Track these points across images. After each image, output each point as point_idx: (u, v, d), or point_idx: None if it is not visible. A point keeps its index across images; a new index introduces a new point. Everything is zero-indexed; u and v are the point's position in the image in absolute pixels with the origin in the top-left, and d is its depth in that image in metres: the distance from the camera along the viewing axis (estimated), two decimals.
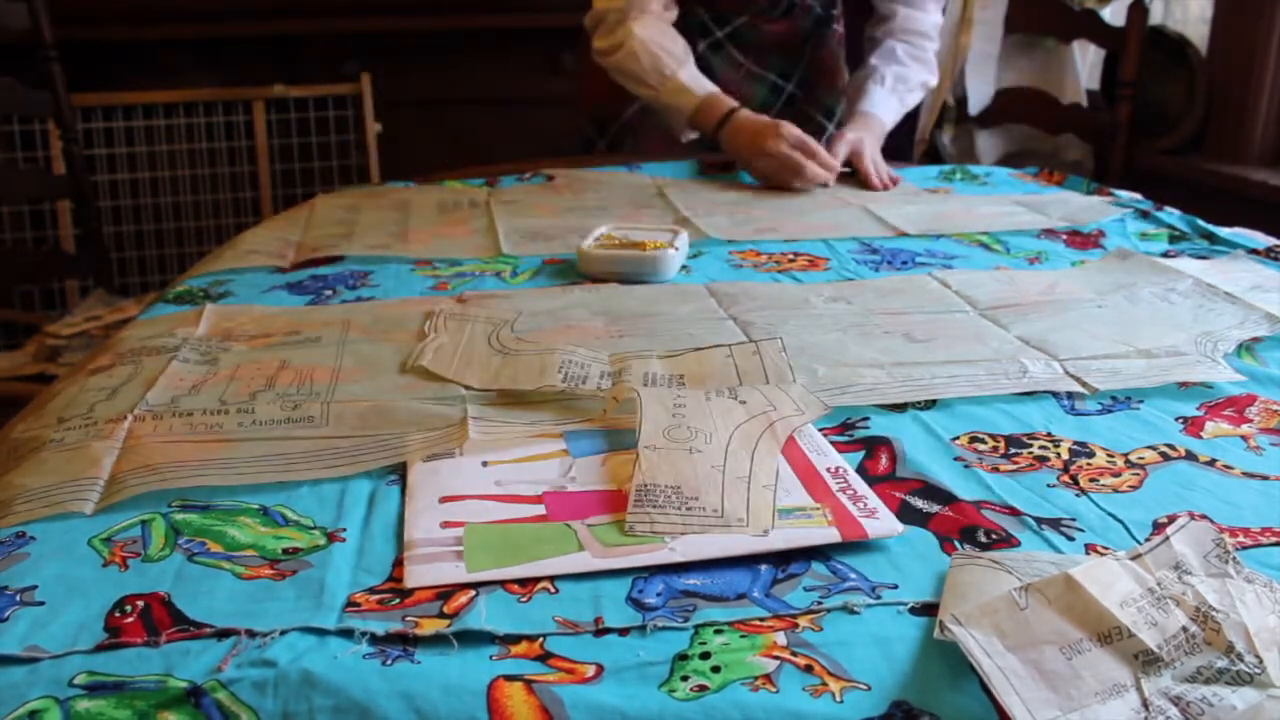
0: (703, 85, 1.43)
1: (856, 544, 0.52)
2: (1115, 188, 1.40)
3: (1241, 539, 0.53)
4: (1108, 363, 0.75)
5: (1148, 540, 0.51)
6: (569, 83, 2.60)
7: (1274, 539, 0.53)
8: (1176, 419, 0.68)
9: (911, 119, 2.51)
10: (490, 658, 0.44)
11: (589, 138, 1.72)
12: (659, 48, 1.43)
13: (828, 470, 0.59)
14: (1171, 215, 1.22)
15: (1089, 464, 0.61)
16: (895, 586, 0.49)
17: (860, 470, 0.60)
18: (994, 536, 0.53)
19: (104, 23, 2.53)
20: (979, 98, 2.42)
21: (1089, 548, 0.52)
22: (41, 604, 0.47)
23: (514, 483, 0.59)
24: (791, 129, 1.34)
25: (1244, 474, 0.60)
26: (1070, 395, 0.71)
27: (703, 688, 0.42)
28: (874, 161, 1.42)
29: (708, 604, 0.48)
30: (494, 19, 2.61)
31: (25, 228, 2.55)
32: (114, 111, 2.54)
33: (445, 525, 0.54)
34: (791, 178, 1.34)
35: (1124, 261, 1.01)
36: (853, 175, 1.42)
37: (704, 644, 0.45)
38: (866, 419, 0.67)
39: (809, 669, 0.43)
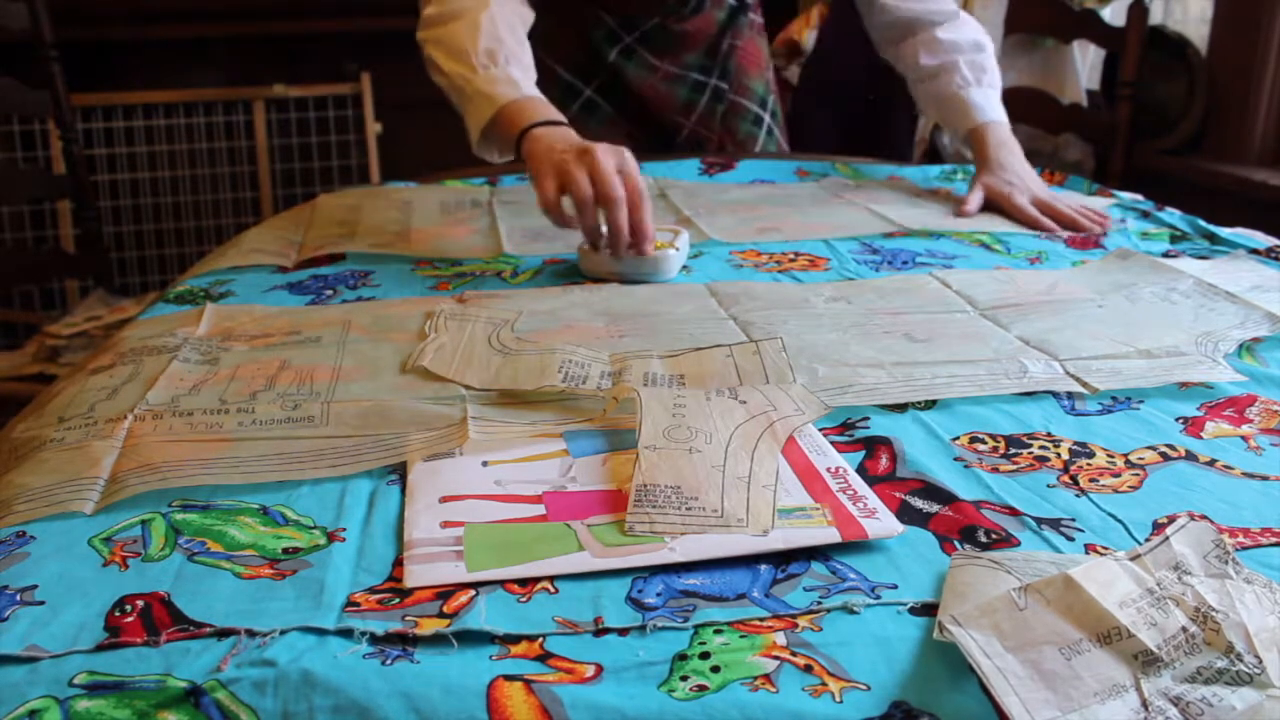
0: (531, 88, 1.12)
1: (856, 544, 0.52)
2: (1115, 188, 1.41)
3: (1241, 539, 0.53)
4: (1108, 363, 0.75)
5: (1147, 541, 0.51)
6: None
7: (1274, 539, 0.53)
8: (1177, 419, 0.68)
9: (911, 119, 2.51)
10: (490, 658, 0.44)
11: None
12: (505, 40, 1.14)
13: (828, 470, 0.59)
14: (1172, 215, 1.22)
15: (1089, 464, 0.61)
16: (895, 586, 0.49)
17: (860, 470, 0.60)
18: (994, 536, 0.53)
19: (104, 23, 2.53)
20: None
21: (1089, 548, 0.52)
22: (41, 603, 0.47)
23: (514, 482, 0.59)
24: (621, 153, 0.99)
25: (1244, 474, 0.60)
26: (1070, 395, 0.71)
27: (702, 687, 0.42)
28: (1062, 204, 1.19)
29: (707, 604, 0.48)
30: None
31: (25, 228, 2.55)
32: (114, 111, 2.54)
33: (445, 525, 0.54)
34: (569, 220, 0.99)
35: (1125, 261, 1.01)
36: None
37: (703, 644, 0.45)
38: (867, 419, 0.67)
39: (808, 669, 0.43)
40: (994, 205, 1.24)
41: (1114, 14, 2.35)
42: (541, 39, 1.33)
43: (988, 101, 1.34)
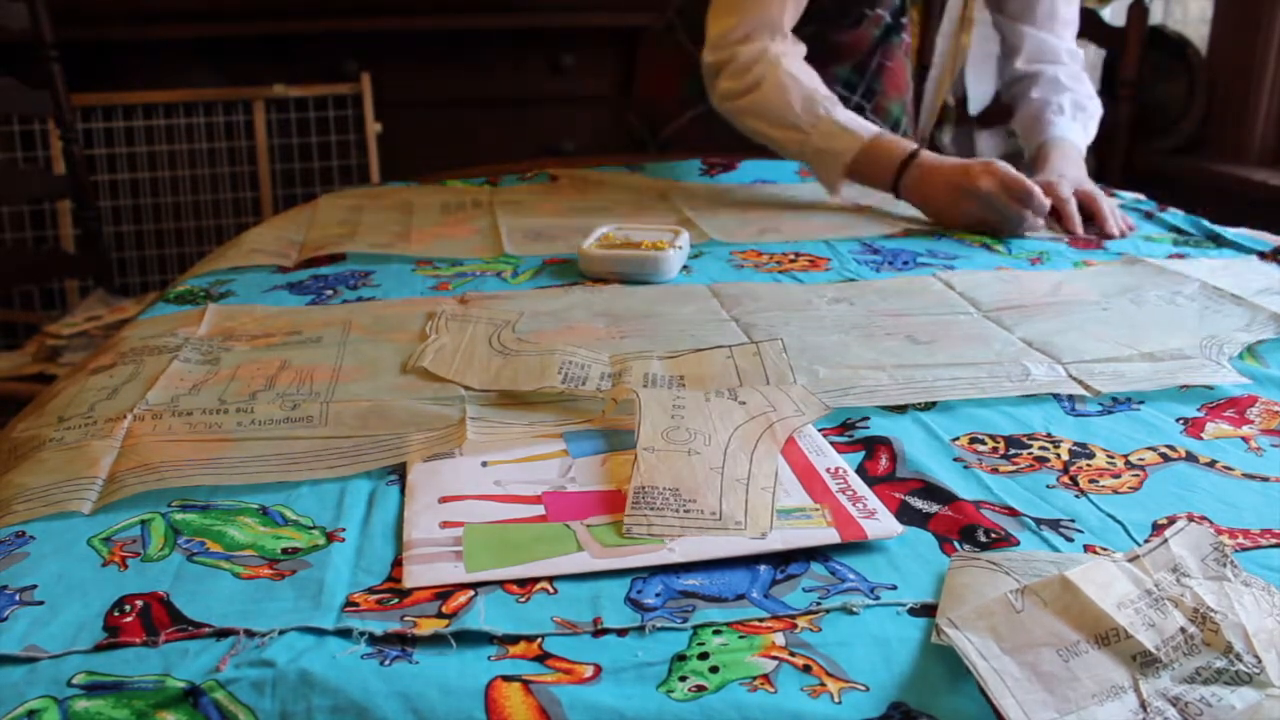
0: (865, 126, 1.22)
1: (856, 544, 0.52)
2: (1116, 188, 1.40)
3: (1241, 540, 0.53)
4: (1111, 365, 0.75)
5: (1146, 542, 0.51)
6: (569, 82, 2.60)
7: (1274, 540, 0.53)
8: (1177, 420, 0.68)
9: (911, 119, 2.51)
10: (488, 658, 0.44)
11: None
12: (810, 87, 1.24)
13: (827, 471, 0.59)
14: (1176, 216, 1.22)
15: (1089, 465, 0.61)
16: (894, 587, 0.49)
17: (860, 471, 0.60)
18: (993, 536, 0.53)
19: (104, 23, 2.53)
20: (979, 98, 2.42)
21: (1088, 548, 0.52)
22: (41, 603, 0.47)
23: (513, 483, 0.59)
24: (1004, 167, 1.14)
25: (1244, 475, 0.60)
26: (1071, 396, 0.71)
27: (701, 688, 0.42)
28: (1099, 198, 1.20)
29: (706, 604, 0.48)
30: (494, 19, 2.61)
31: (25, 228, 2.55)
32: (114, 111, 2.54)
33: (444, 525, 0.54)
34: (1004, 223, 1.14)
35: (1130, 266, 1.01)
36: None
37: (702, 644, 0.45)
38: (866, 419, 0.67)
39: (807, 669, 0.43)
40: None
41: (1114, 14, 2.35)
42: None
43: (1068, 128, 1.39)
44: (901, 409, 0.69)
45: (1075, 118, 1.41)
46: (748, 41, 1.28)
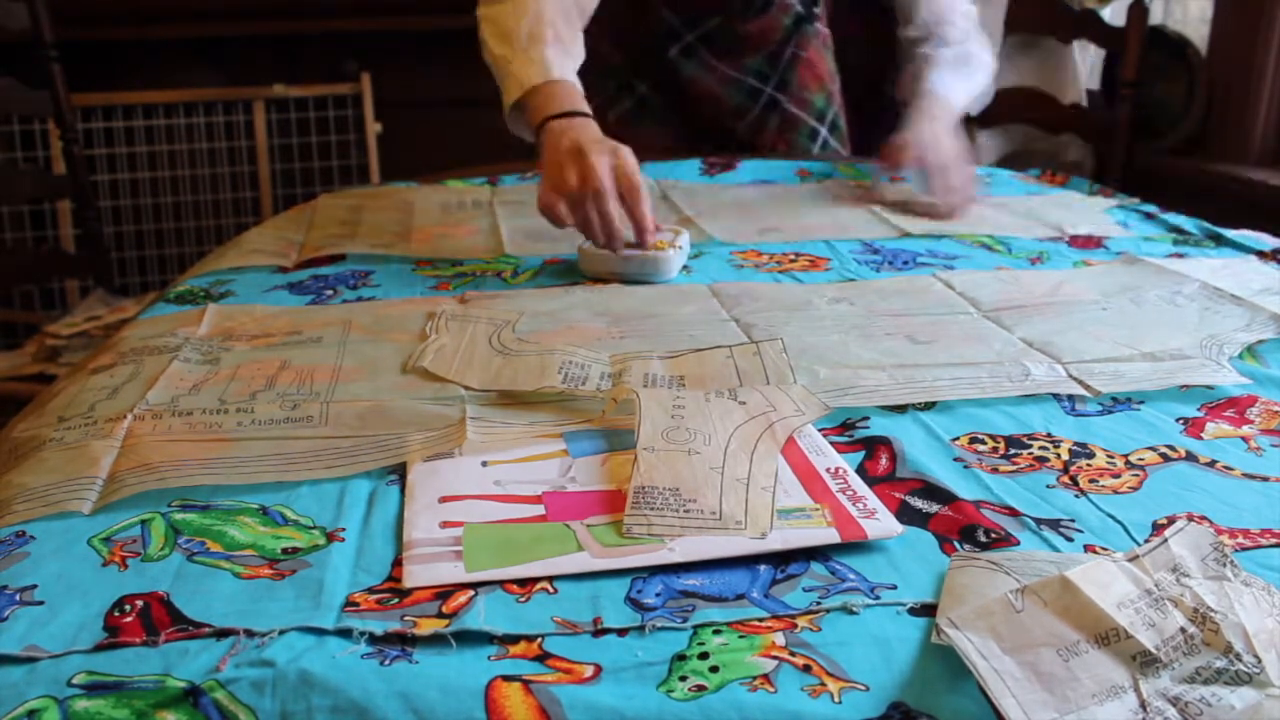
0: (563, 68, 1.09)
1: (856, 544, 0.52)
2: (1115, 188, 1.41)
3: (1241, 540, 0.53)
4: (1111, 365, 0.75)
5: (1146, 542, 0.51)
6: None
7: (1274, 540, 0.53)
8: (1177, 420, 0.68)
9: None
10: (488, 658, 0.44)
11: None
12: (552, 21, 1.12)
13: (827, 471, 0.59)
14: (1176, 217, 1.22)
15: (1089, 465, 0.61)
16: (894, 587, 0.49)
17: (860, 471, 0.60)
18: (993, 536, 0.53)
19: (104, 23, 2.53)
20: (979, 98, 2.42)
21: (1088, 548, 0.52)
22: (41, 603, 0.48)
23: (513, 483, 0.59)
24: (629, 160, 0.99)
25: (1244, 475, 0.60)
26: (1071, 396, 0.71)
27: (701, 688, 0.42)
28: (944, 170, 1.20)
29: (706, 604, 0.48)
30: None
31: (25, 228, 2.55)
32: (114, 111, 2.54)
33: (444, 525, 0.54)
34: (572, 219, 0.99)
35: (1130, 266, 1.01)
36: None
37: (702, 644, 0.45)
38: (866, 419, 0.67)
39: (807, 669, 0.43)
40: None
41: (1114, 14, 2.35)
42: (602, 33, 1.33)
43: (942, 81, 1.35)
44: (901, 409, 0.69)
45: (957, 71, 1.37)
46: None
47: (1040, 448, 0.63)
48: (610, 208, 0.96)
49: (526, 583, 0.49)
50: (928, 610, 0.47)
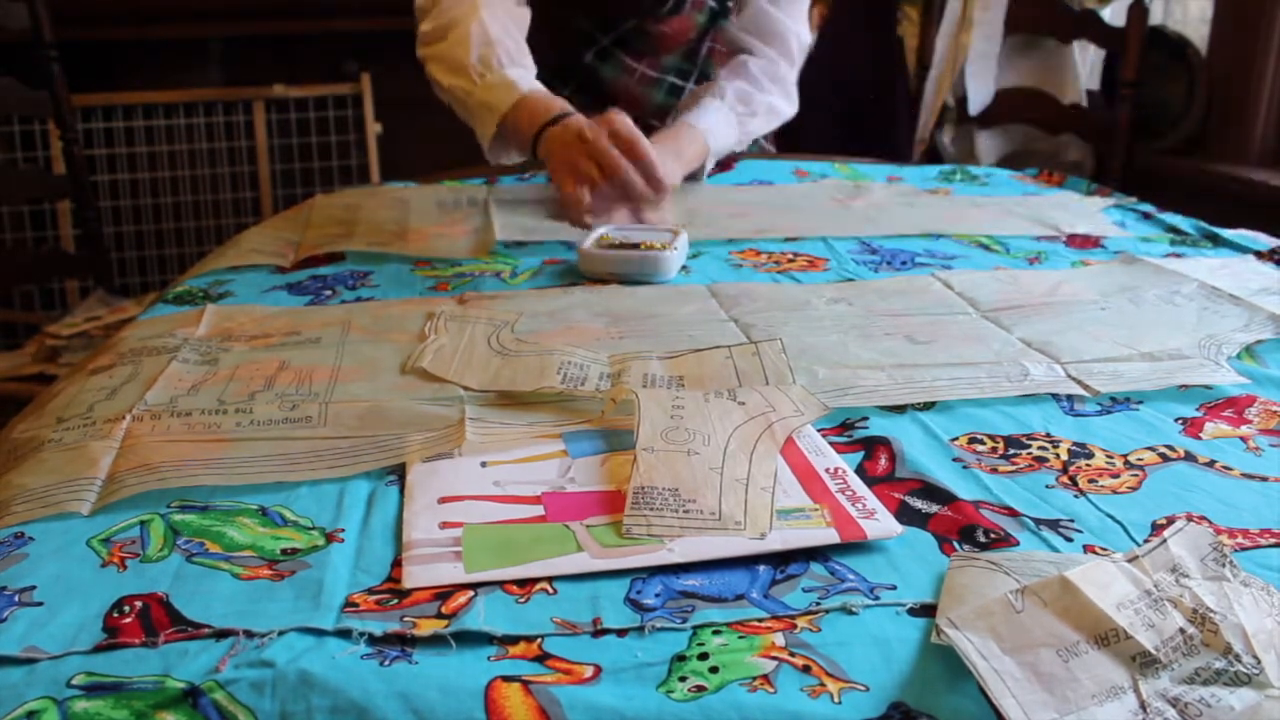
0: (529, 82, 1.13)
1: (855, 545, 0.52)
2: (1115, 188, 1.40)
3: (1240, 540, 0.53)
4: (1110, 365, 0.75)
5: (1145, 542, 0.51)
6: None
7: (1273, 540, 0.53)
8: (1176, 420, 0.68)
9: (911, 119, 2.51)
10: (488, 658, 0.44)
11: None
12: (497, 40, 1.14)
13: (827, 471, 0.59)
14: (1173, 217, 1.22)
15: (1088, 465, 0.61)
16: (894, 587, 0.49)
17: (859, 471, 0.60)
18: (993, 536, 0.53)
19: (104, 23, 2.53)
20: (979, 98, 2.42)
21: (1087, 548, 0.52)
22: (40, 604, 0.47)
23: (513, 483, 0.59)
24: (624, 120, 1.06)
25: (1243, 475, 0.60)
26: (1070, 396, 0.71)
27: (701, 688, 0.42)
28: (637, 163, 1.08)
29: (706, 605, 0.48)
30: None
31: (25, 228, 2.55)
32: (114, 111, 2.54)
33: (444, 526, 0.54)
34: (583, 180, 1.04)
35: (1129, 265, 1.01)
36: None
37: (702, 645, 0.45)
38: (866, 419, 0.67)
39: (807, 670, 0.43)
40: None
41: (1114, 14, 2.35)
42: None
43: (714, 117, 1.31)
44: (900, 409, 0.69)
45: (733, 108, 1.33)
46: None
47: (1039, 448, 0.64)
48: (631, 178, 1.04)
49: (526, 583, 0.49)
50: (927, 610, 0.47)
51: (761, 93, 1.36)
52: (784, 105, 1.40)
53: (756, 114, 1.36)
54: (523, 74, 1.15)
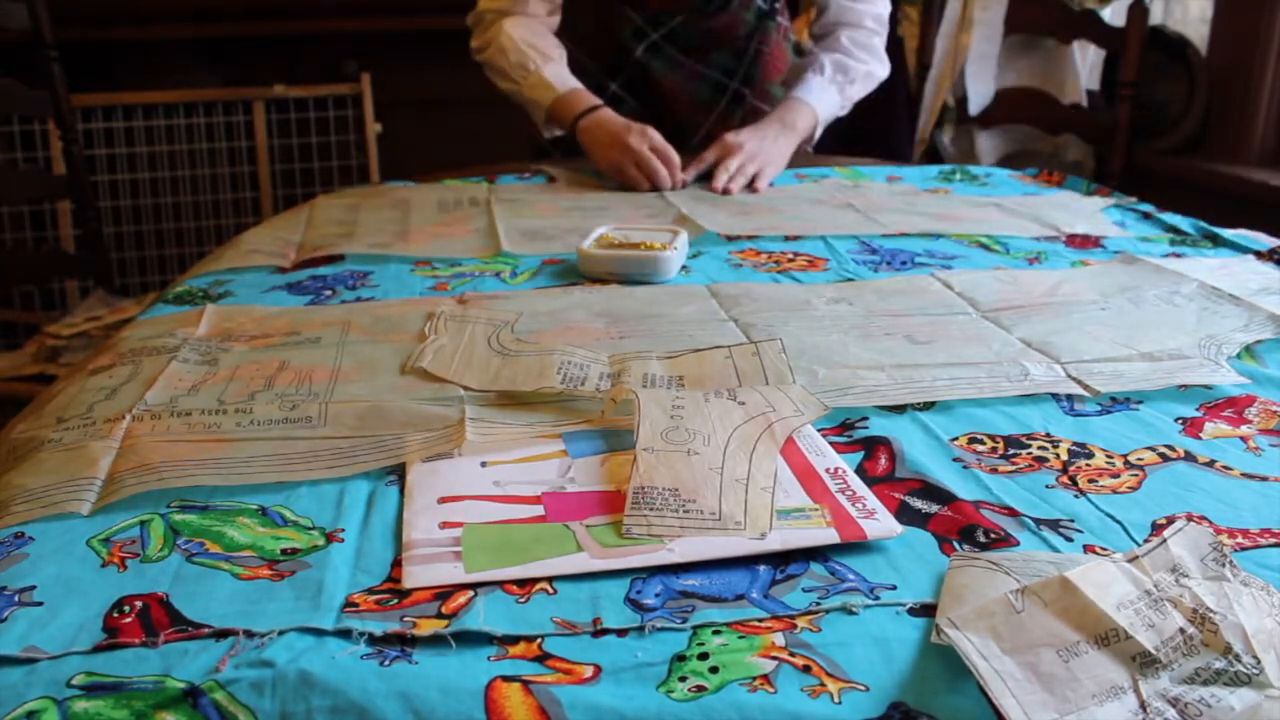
0: (565, 81, 1.44)
1: (855, 545, 0.52)
2: (1115, 188, 1.41)
3: (1240, 540, 0.53)
4: (1109, 365, 0.75)
5: (1145, 542, 0.51)
6: None
7: (1273, 540, 0.53)
8: (1176, 420, 0.68)
9: (911, 119, 2.51)
10: (488, 658, 0.44)
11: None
12: (527, 44, 1.45)
13: (827, 471, 0.59)
14: (1173, 217, 1.22)
15: (1088, 465, 0.61)
16: (894, 587, 0.49)
17: (859, 471, 0.60)
18: (993, 536, 0.53)
19: (104, 23, 2.53)
20: (979, 98, 2.42)
21: (1087, 548, 0.52)
22: (40, 604, 0.48)
23: (513, 483, 0.59)
24: (655, 134, 1.36)
25: (1243, 475, 0.60)
26: (1070, 396, 0.71)
27: (701, 688, 0.42)
28: (739, 161, 1.37)
29: (706, 605, 0.48)
30: None
31: (25, 228, 2.55)
32: (114, 111, 2.54)
33: (444, 526, 0.54)
34: (639, 177, 1.35)
35: (1129, 265, 1.01)
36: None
37: (702, 645, 0.45)
38: (866, 419, 0.67)
39: (807, 670, 0.43)
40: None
41: (1114, 14, 2.35)
42: (573, 35, 1.51)
43: (818, 89, 1.49)
44: (900, 409, 0.69)
45: (834, 79, 1.50)
46: (493, 3, 1.50)
47: (1039, 448, 0.64)
48: (656, 165, 1.35)
49: (526, 583, 0.49)
50: (927, 610, 0.47)
51: (857, 61, 1.51)
52: (879, 68, 1.55)
53: (855, 80, 1.52)
54: (556, 71, 1.44)
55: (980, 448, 0.64)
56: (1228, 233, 1.13)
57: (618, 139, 1.36)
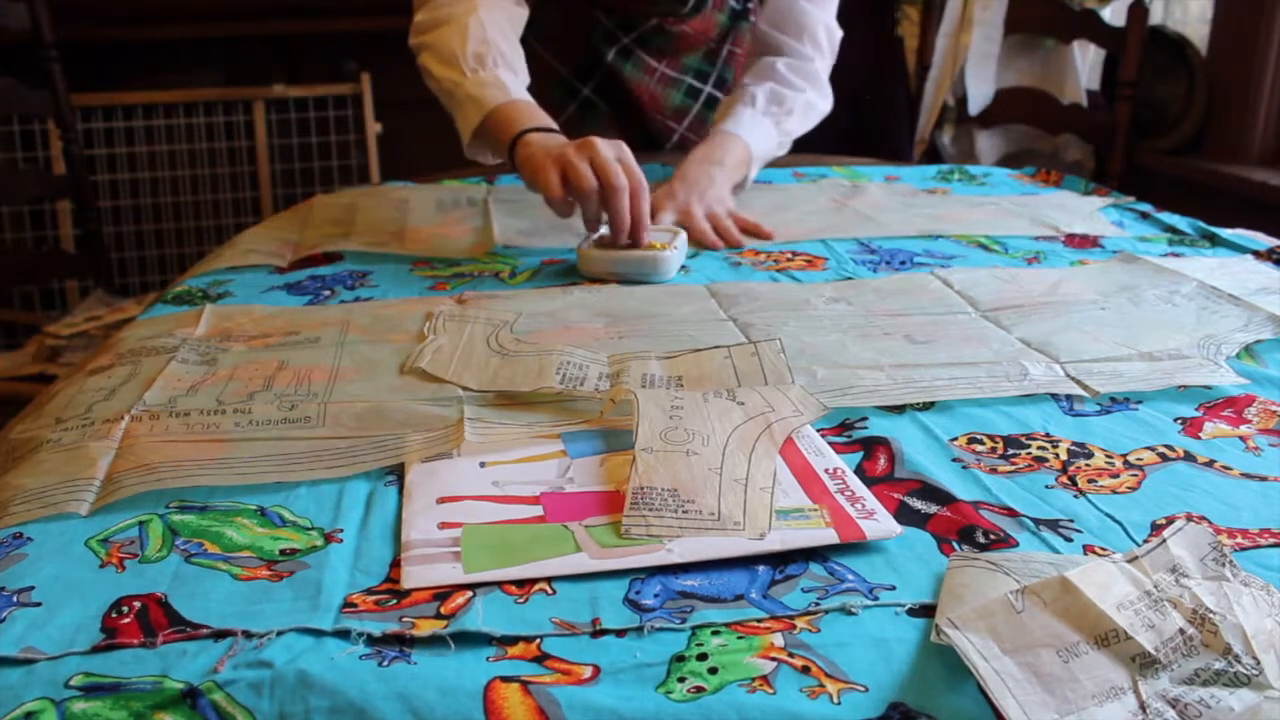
0: (518, 90, 1.13)
1: (854, 545, 0.52)
2: (1115, 188, 1.40)
3: (1240, 540, 0.53)
4: (1109, 365, 0.75)
5: (1145, 542, 0.51)
6: None
7: (1272, 540, 0.53)
8: (1175, 420, 0.68)
9: (911, 119, 2.51)
10: (487, 659, 0.44)
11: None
12: (494, 41, 1.15)
13: (826, 471, 0.59)
14: (1171, 217, 1.22)
15: (1087, 465, 0.61)
16: (893, 588, 0.49)
17: (858, 471, 0.60)
18: (992, 537, 0.53)
19: (104, 23, 2.53)
20: (979, 98, 2.42)
21: (1087, 549, 0.52)
22: (38, 605, 0.47)
23: (512, 483, 0.59)
24: (619, 146, 1.03)
25: (1242, 475, 0.60)
26: (1069, 396, 0.71)
27: (700, 689, 0.42)
28: (700, 216, 1.13)
29: (705, 605, 0.48)
30: None
31: (25, 228, 2.55)
32: (114, 111, 2.54)
33: (443, 526, 0.54)
34: (562, 201, 1.01)
35: (1128, 264, 1.01)
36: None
37: (701, 645, 0.45)
38: (865, 419, 0.67)
39: (806, 670, 0.43)
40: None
41: (1114, 14, 2.35)
42: (541, 38, 1.38)
43: (750, 122, 1.27)
44: (900, 409, 0.69)
45: (767, 111, 1.29)
46: None
47: (1039, 448, 0.63)
48: (625, 206, 0.99)
49: (525, 584, 0.49)
50: (927, 611, 0.47)
51: (794, 91, 1.32)
52: (819, 101, 1.36)
53: (793, 112, 1.32)
54: (514, 79, 1.14)
55: (980, 448, 0.64)
56: (1226, 232, 1.13)
57: (556, 154, 1.02)
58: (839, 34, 1.38)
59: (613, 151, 1.01)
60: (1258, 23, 2.06)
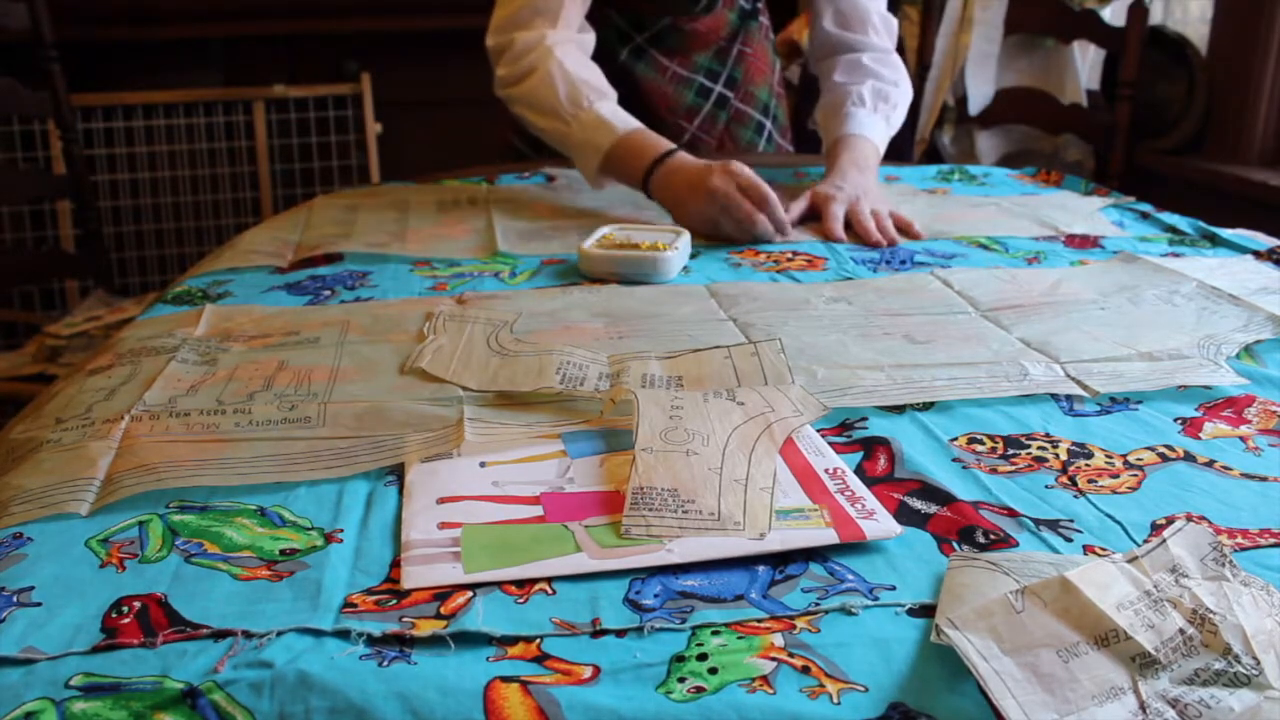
0: (626, 121, 1.20)
1: (854, 545, 0.52)
2: (1115, 188, 1.40)
3: (1240, 540, 0.53)
4: (1109, 365, 0.75)
5: (1145, 542, 0.51)
6: None
7: (1272, 540, 0.53)
8: (1175, 420, 0.68)
9: (911, 119, 2.51)
10: (487, 659, 0.44)
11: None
12: (579, 78, 1.21)
13: (826, 471, 0.59)
14: (1171, 216, 1.22)
15: (1087, 465, 0.61)
16: (893, 588, 0.49)
17: (858, 471, 0.60)
18: (992, 537, 0.53)
19: (104, 23, 2.53)
20: (979, 98, 2.42)
21: (1087, 549, 0.52)
22: (38, 605, 0.47)
23: (511, 483, 0.59)
24: (743, 167, 1.11)
25: (1242, 475, 0.60)
26: (1069, 396, 0.71)
27: (700, 689, 0.42)
28: (867, 213, 1.15)
29: (705, 605, 0.48)
30: None
31: (25, 228, 2.55)
32: (114, 111, 2.54)
33: (443, 526, 0.54)
34: (736, 228, 1.10)
35: (1128, 264, 1.01)
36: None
37: (701, 645, 0.45)
38: (865, 419, 0.67)
39: (806, 670, 0.43)
40: (814, 214, 1.19)
41: (1114, 14, 2.35)
42: None
43: (869, 122, 1.32)
44: (900, 409, 0.69)
45: (876, 109, 1.34)
46: (526, 28, 1.25)
47: (1039, 448, 0.63)
48: (754, 216, 1.10)
49: (525, 584, 0.49)
50: (926, 611, 0.47)
51: (892, 85, 1.37)
52: (909, 87, 1.41)
53: (897, 105, 1.38)
54: (611, 108, 1.21)
55: (980, 448, 0.64)
56: (1226, 232, 1.13)
57: (698, 185, 1.11)
58: (894, 21, 1.43)
59: (745, 168, 1.12)
60: (1258, 23, 2.06)
